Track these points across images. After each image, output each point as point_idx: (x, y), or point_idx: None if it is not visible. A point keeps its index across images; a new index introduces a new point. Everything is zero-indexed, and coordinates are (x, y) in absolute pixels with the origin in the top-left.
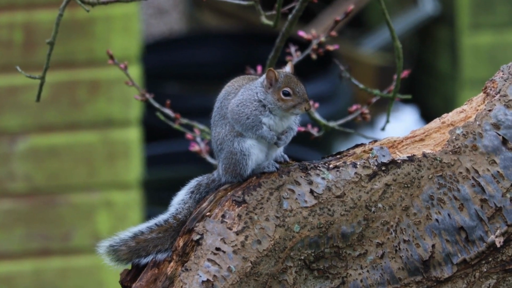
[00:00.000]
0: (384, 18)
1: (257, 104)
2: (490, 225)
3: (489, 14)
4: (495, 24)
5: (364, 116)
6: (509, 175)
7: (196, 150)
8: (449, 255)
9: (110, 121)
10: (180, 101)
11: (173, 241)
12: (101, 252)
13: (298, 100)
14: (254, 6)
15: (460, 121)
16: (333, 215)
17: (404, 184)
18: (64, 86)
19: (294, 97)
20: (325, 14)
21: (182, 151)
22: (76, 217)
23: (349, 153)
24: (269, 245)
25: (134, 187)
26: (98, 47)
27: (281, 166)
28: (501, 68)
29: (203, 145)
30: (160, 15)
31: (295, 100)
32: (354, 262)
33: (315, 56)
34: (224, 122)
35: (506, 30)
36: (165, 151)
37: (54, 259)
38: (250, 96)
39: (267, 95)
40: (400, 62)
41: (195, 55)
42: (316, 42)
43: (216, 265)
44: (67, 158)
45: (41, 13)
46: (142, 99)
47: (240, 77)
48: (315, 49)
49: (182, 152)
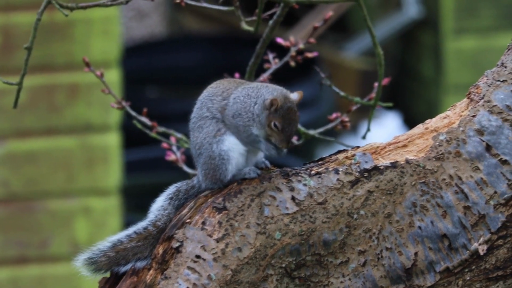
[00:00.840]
0: (366, 24)
1: (250, 115)
2: (474, 233)
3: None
4: (479, 28)
5: (345, 124)
6: (493, 182)
7: (172, 159)
8: (432, 263)
9: (89, 126)
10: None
11: (152, 249)
12: (79, 265)
13: (280, 138)
14: (234, 11)
15: (443, 127)
16: (314, 222)
17: (387, 190)
18: (43, 90)
19: (279, 133)
20: (308, 18)
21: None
22: (54, 224)
23: (331, 159)
24: (249, 253)
25: (113, 193)
26: (77, 50)
27: (263, 172)
28: (485, 73)
29: (179, 154)
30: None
31: (278, 136)
32: (336, 270)
33: (294, 64)
34: (202, 123)
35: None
36: (145, 156)
37: (31, 267)
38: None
39: (262, 114)
40: (382, 69)
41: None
42: (295, 49)
43: (196, 273)
44: (45, 163)
45: (19, 16)
46: (119, 107)
47: (226, 80)
48: (293, 56)
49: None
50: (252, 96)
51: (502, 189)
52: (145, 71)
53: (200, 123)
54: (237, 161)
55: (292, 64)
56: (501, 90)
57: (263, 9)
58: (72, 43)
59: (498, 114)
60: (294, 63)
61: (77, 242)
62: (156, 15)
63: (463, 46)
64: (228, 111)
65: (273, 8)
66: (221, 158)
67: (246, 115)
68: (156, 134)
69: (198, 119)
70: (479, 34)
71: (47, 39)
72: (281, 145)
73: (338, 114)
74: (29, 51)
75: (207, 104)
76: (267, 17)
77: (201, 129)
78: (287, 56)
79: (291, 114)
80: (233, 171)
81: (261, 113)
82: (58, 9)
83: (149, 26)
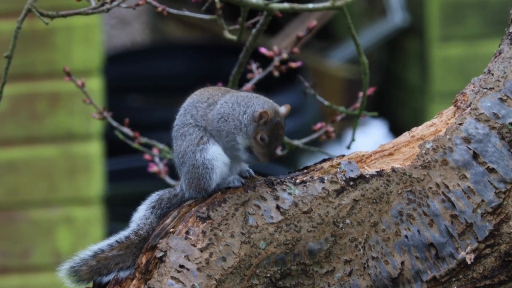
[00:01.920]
0: (350, 32)
1: (238, 123)
2: (461, 242)
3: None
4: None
5: (329, 134)
6: (480, 190)
7: (155, 171)
8: (419, 272)
9: (70, 134)
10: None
11: (135, 258)
12: (62, 275)
13: (264, 152)
14: (216, 20)
15: (430, 135)
16: (299, 232)
17: (373, 199)
18: (24, 98)
19: (263, 147)
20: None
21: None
22: (36, 233)
23: (317, 168)
24: (234, 262)
25: (95, 203)
26: (58, 58)
27: (247, 181)
28: (472, 80)
29: (162, 166)
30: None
31: (262, 149)
32: (322, 280)
33: (277, 73)
34: (185, 130)
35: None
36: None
37: (12, 277)
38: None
39: (250, 126)
40: (366, 78)
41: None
42: (278, 59)
43: (180, 283)
44: (27, 173)
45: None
46: (100, 117)
47: (211, 87)
48: (277, 66)
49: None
50: (242, 104)
51: (490, 198)
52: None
53: (183, 131)
54: (221, 170)
55: (275, 74)
56: (488, 97)
57: (246, 18)
58: (53, 51)
59: (485, 122)
60: (278, 73)
61: (59, 252)
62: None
63: (449, 53)
64: (212, 115)
65: (256, 16)
66: (205, 167)
67: (233, 122)
68: (139, 144)
69: (181, 127)
70: (465, 41)
71: (28, 47)
72: (263, 159)
73: (323, 124)
74: (9, 60)
75: (191, 111)
76: (250, 25)
77: (184, 137)
78: (271, 66)
79: (279, 129)
80: (217, 180)
81: (249, 124)
82: (39, 17)
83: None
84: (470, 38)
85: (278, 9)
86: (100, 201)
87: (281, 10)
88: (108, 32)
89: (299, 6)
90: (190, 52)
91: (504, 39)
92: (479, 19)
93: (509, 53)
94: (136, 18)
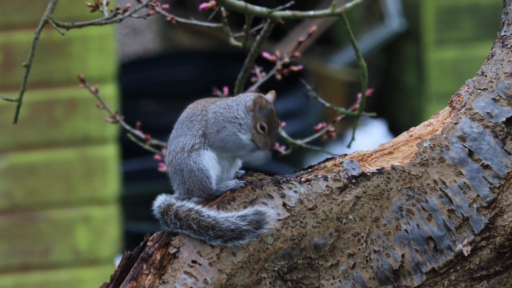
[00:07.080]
0: (349, 38)
1: (235, 122)
2: (458, 235)
3: (453, 30)
4: (459, 39)
5: (330, 134)
6: (476, 186)
7: (165, 170)
8: (418, 264)
9: (87, 138)
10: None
11: None
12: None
13: (266, 141)
14: (223, 28)
15: (427, 134)
16: (305, 227)
17: (374, 196)
18: (42, 105)
19: (266, 136)
20: (294, 32)
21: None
22: (55, 232)
23: (320, 167)
24: (243, 257)
25: (111, 203)
26: (74, 67)
27: (254, 180)
28: (466, 82)
29: None
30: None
31: (265, 139)
32: (327, 273)
33: (280, 77)
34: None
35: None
36: (141, 167)
37: (34, 274)
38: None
39: (247, 117)
40: (365, 80)
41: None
42: (280, 63)
43: (193, 277)
44: (46, 175)
45: (18, 35)
46: (113, 121)
47: (203, 100)
48: (279, 70)
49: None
50: (233, 105)
51: (485, 193)
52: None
53: (177, 140)
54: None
55: (278, 78)
56: (482, 98)
57: (251, 25)
58: (70, 60)
59: (480, 121)
60: (281, 76)
61: (77, 250)
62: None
63: (444, 56)
64: (210, 128)
65: (260, 23)
66: (200, 170)
67: (230, 125)
68: (150, 146)
69: (175, 137)
70: (459, 44)
71: (45, 57)
72: (265, 148)
73: (324, 124)
74: (27, 69)
75: (188, 125)
76: (254, 32)
77: (177, 146)
78: (273, 69)
79: (274, 115)
80: (215, 178)
81: (246, 116)
82: (55, 28)
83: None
84: (464, 41)
85: (281, 16)
86: (116, 201)
87: (284, 17)
88: (121, 41)
89: (300, 13)
90: (199, 59)
91: (496, 42)
92: (472, 23)
93: (501, 55)
94: (147, 27)
